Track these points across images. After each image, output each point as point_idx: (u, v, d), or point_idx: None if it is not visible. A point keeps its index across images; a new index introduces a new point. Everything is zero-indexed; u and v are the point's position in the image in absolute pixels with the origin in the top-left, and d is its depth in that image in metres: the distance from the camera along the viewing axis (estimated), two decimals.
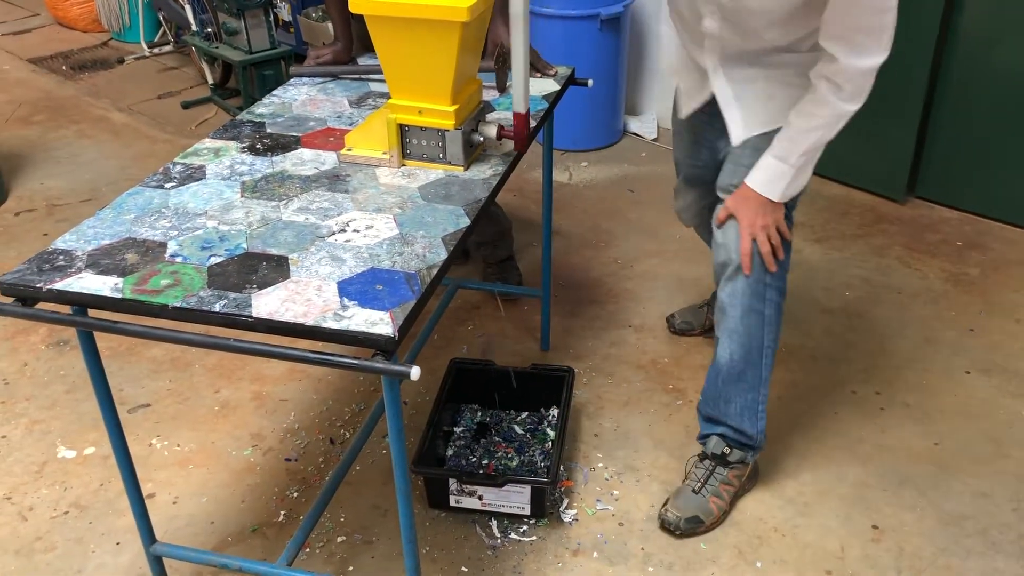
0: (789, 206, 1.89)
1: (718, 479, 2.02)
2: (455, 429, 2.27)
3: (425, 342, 2.47)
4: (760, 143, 1.87)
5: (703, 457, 2.06)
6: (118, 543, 2.01)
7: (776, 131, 1.83)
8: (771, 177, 1.81)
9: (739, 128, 1.92)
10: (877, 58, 1.63)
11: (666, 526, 2.00)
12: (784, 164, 1.79)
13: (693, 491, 2.01)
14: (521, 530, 2.02)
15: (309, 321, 1.31)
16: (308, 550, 1.98)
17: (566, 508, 2.08)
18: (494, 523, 2.04)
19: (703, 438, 2.07)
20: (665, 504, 2.03)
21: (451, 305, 2.79)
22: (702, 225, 2.39)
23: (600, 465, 2.20)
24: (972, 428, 2.29)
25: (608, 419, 2.35)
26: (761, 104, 1.88)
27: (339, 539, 2.01)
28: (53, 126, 4.16)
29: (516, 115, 1.76)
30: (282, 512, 2.09)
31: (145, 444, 2.29)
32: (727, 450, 2.02)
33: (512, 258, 2.88)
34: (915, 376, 2.47)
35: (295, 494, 2.14)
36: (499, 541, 2.00)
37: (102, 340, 2.67)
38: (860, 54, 1.62)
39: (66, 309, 1.44)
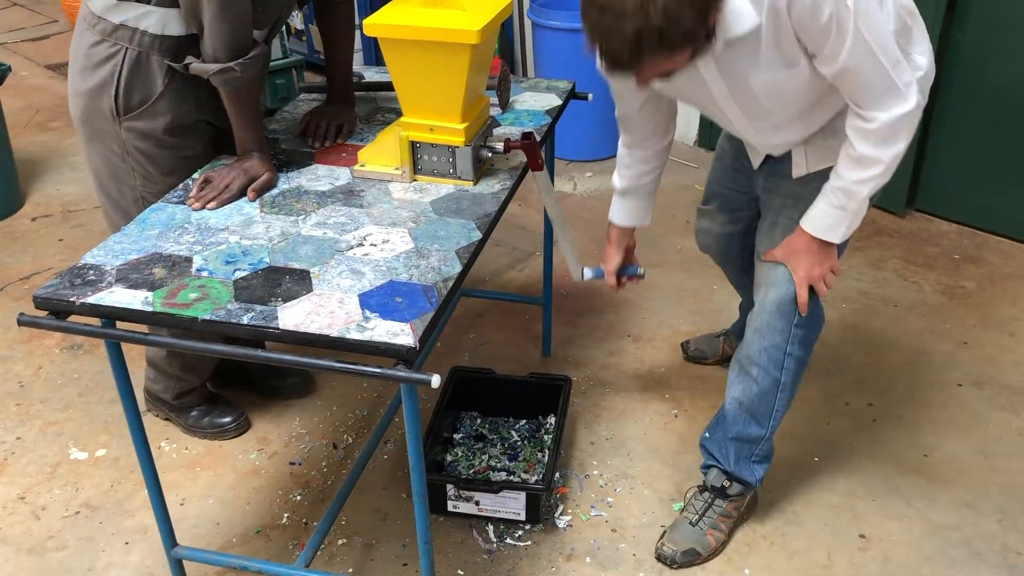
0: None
1: (717, 511, 2.02)
2: (455, 436, 2.33)
3: (429, 350, 2.54)
4: (814, 181, 1.80)
5: (703, 489, 2.06)
6: (127, 543, 2.08)
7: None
8: (831, 223, 1.74)
9: (801, 166, 1.85)
10: (905, 107, 1.58)
11: (662, 560, 2.00)
12: (843, 211, 1.72)
13: (691, 523, 2.01)
14: (517, 535, 2.08)
15: (334, 332, 1.38)
16: (306, 552, 2.04)
17: (561, 514, 2.13)
18: (490, 528, 2.10)
19: (705, 468, 2.07)
20: (662, 537, 2.03)
21: (454, 313, 2.86)
22: (718, 251, 2.32)
23: (595, 472, 2.26)
24: (962, 440, 2.33)
25: (604, 427, 2.40)
26: (824, 145, 1.81)
27: (340, 542, 2.08)
28: (70, 132, 4.24)
29: (524, 136, 1.82)
30: (285, 515, 2.15)
31: (154, 447, 2.35)
32: (727, 483, 2.01)
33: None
34: (908, 388, 2.52)
35: (298, 497, 2.20)
36: (495, 545, 2.06)
37: None
38: (887, 108, 1.58)
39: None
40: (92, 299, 1.46)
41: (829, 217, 1.74)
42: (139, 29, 1.78)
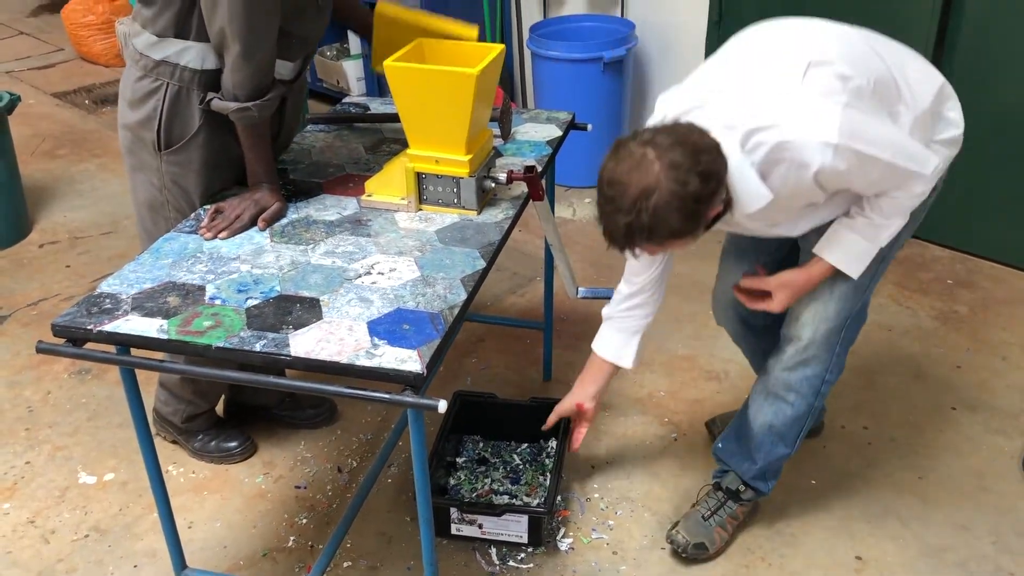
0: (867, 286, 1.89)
1: (727, 512, 2.11)
2: (457, 459, 2.37)
3: (433, 376, 2.58)
4: None
5: (717, 487, 2.14)
6: (135, 566, 2.12)
7: None
8: (856, 254, 1.77)
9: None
10: (923, 183, 1.68)
11: (674, 546, 2.08)
12: (868, 244, 1.76)
13: (703, 517, 2.10)
14: (519, 557, 2.12)
15: (343, 359, 1.42)
16: (312, 574, 2.08)
17: (563, 536, 2.17)
18: (493, 551, 2.14)
19: (720, 473, 2.15)
20: (675, 526, 2.10)
21: (456, 338, 2.90)
22: (734, 318, 2.21)
23: (596, 495, 2.30)
24: (956, 463, 2.37)
25: (605, 451, 2.44)
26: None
27: (345, 564, 2.11)
28: (76, 160, 4.31)
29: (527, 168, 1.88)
30: (291, 537, 2.19)
31: (162, 471, 2.39)
32: (742, 488, 2.10)
33: None
34: (902, 412, 2.56)
35: (304, 520, 2.24)
36: (497, 568, 2.09)
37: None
38: (909, 188, 1.69)
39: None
40: (109, 327, 1.51)
41: (856, 246, 1.76)
42: (179, 64, 1.84)
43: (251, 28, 1.73)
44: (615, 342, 2.05)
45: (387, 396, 1.39)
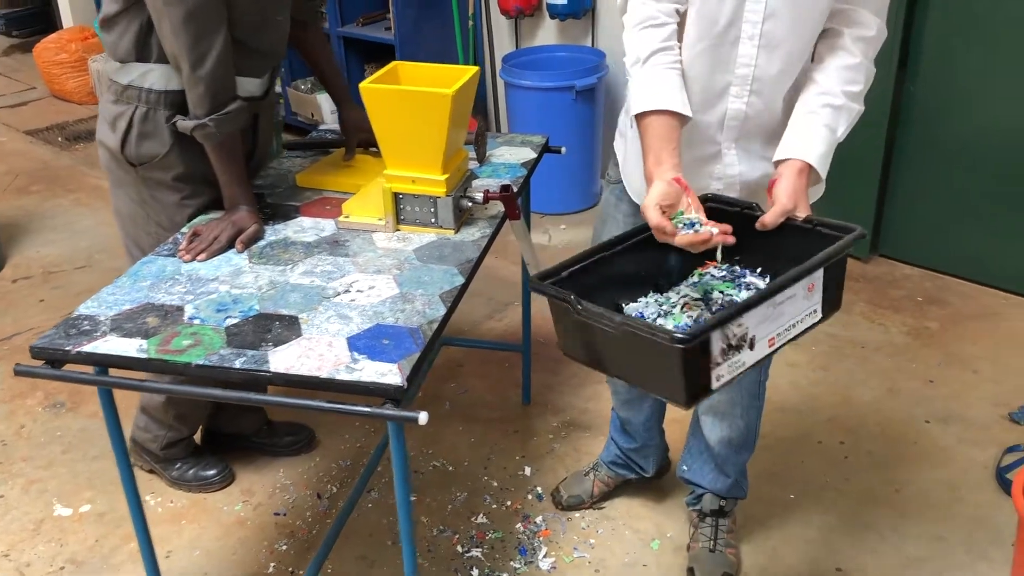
0: None
1: (723, 530, 2.11)
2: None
3: (416, 390, 2.58)
4: None
5: (702, 515, 2.13)
6: None
7: None
8: (825, 151, 1.55)
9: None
10: (884, 29, 1.61)
11: None
12: (833, 135, 1.57)
13: (710, 551, 2.08)
14: None
15: (323, 374, 1.43)
16: None
17: (544, 556, 2.17)
18: (475, 571, 2.13)
19: (695, 499, 2.16)
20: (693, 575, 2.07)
21: (435, 363, 2.91)
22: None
23: (576, 514, 2.30)
24: (931, 474, 2.40)
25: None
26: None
27: None
28: (49, 195, 4.29)
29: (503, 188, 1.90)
30: (271, 564, 2.17)
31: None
32: (723, 503, 2.11)
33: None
34: (877, 426, 2.59)
35: (284, 547, 2.22)
36: None
37: (96, 403, 2.75)
38: (881, 17, 1.59)
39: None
40: (88, 348, 1.50)
41: (826, 142, 1.56)
42: (144, 87, 1.87)
43: (195, 43, 1.76)
44: (674, 83, 1.57)
45: (368, 409, 1.39)
